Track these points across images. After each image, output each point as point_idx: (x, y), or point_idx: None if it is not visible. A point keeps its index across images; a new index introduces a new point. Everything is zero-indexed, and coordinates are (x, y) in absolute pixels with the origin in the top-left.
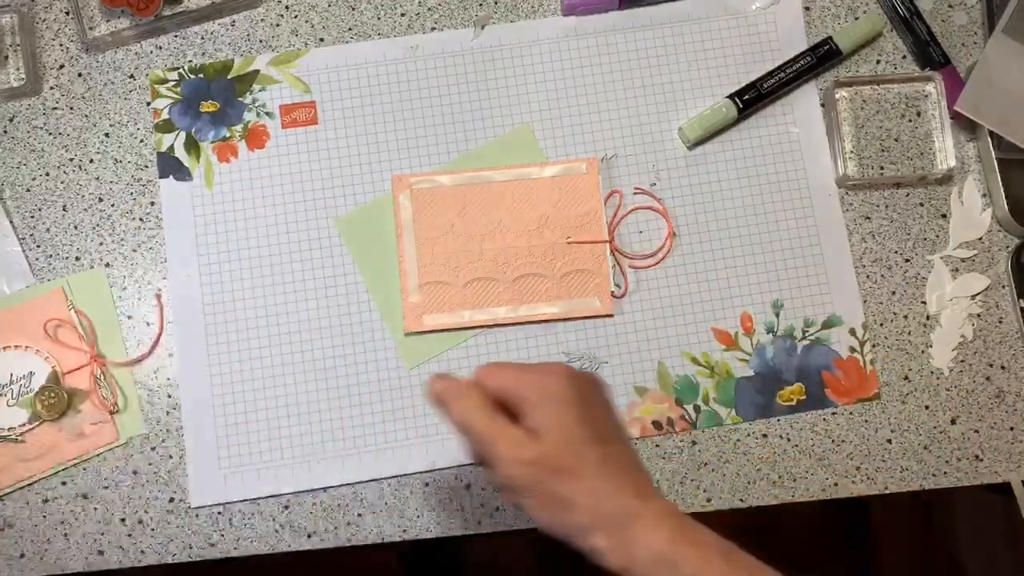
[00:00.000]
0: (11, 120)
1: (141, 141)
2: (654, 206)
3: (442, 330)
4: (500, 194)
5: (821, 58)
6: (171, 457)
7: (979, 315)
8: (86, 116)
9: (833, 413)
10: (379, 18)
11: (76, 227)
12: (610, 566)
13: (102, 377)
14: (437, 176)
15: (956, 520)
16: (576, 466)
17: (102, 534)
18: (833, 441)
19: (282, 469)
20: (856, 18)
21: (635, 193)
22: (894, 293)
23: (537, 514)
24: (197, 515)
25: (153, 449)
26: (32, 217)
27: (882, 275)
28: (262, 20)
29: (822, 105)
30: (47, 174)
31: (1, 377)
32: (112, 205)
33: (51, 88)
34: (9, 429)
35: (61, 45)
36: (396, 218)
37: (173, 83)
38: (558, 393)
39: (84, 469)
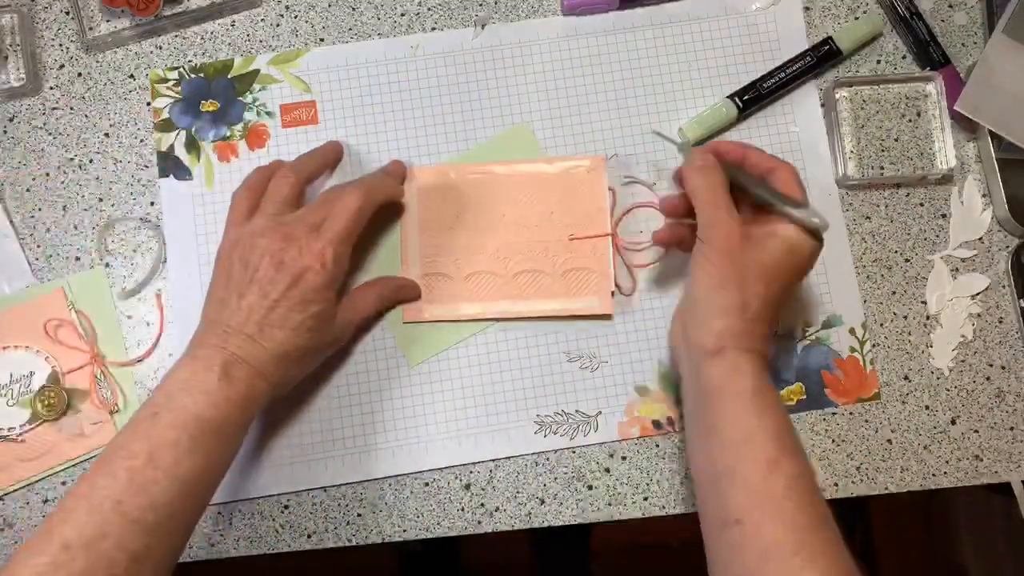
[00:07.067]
0: (11, 120)
1: (141, 141)
2: (654, 203)
3: (441, 322)
4: (504, 189)
5: (821, 58)
6: None
7: (979, 315)
8: (86, 116)
9: (833, 413)
10: (379, 18)
11: (76, 227)
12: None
13: (102, 377)
14: (443, 169)
15: (956, 520)
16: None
17: None
18: (833, 441)
19: (282, 469)
20: (856, 18)
21: (627, 182)
22: (894, 293)
23: (694, 270)
24: None
25: None
26: (32, 217)
27: (882, 275)
28: (262, 20)
29: (822, 105)
30: (47, 174)
31: (1, 377)
32: (112, 205)
33: (51, 88)
34: (9, 429)
35: (61, 45)
36: (399, 211)
37: (173, 82)
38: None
39: (84, 469)
